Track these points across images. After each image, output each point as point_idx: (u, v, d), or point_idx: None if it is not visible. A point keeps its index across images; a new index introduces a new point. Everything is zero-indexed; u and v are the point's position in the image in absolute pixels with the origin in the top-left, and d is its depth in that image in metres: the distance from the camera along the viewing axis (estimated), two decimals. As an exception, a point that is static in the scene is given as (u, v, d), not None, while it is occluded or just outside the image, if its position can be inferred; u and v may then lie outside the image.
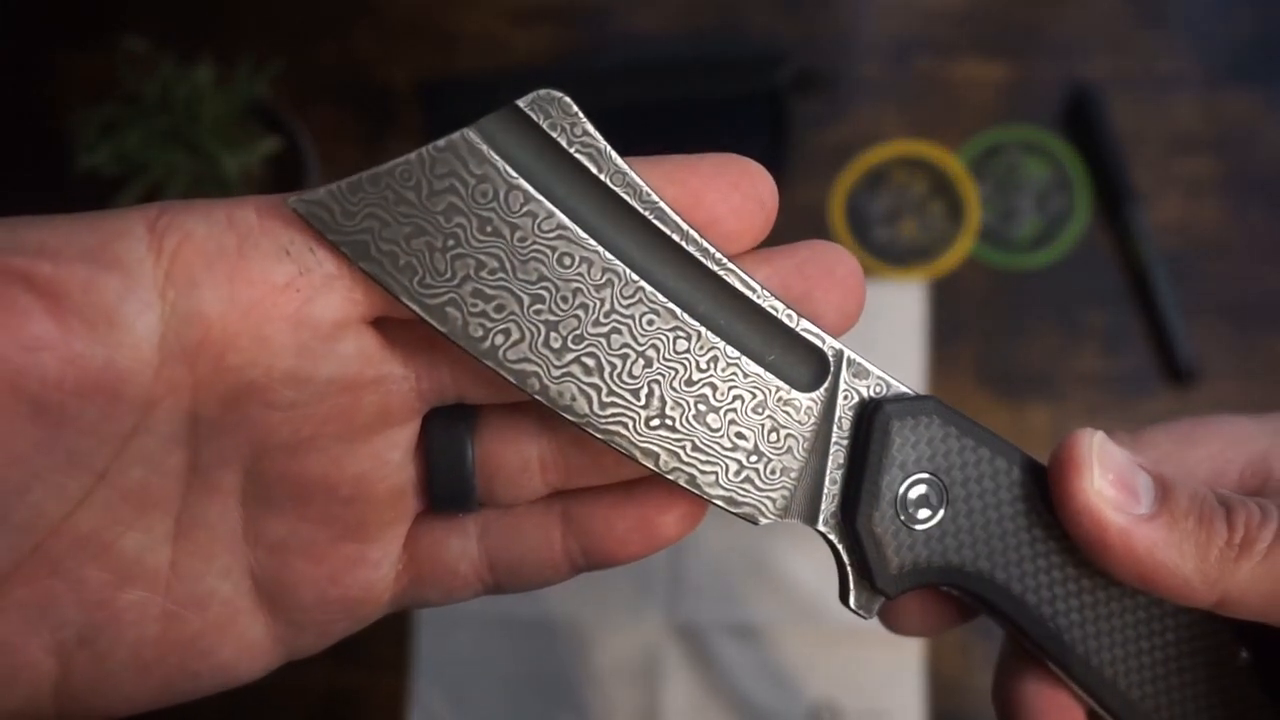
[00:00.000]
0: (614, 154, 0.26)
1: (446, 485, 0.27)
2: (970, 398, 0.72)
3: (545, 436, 0.27)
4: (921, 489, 0.27)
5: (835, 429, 0.27)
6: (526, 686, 0.71)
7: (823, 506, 0.27)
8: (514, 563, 0.28)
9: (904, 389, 0.27)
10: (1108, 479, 0.26)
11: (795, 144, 0.78)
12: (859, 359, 0.27)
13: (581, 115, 0.25)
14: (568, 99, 0.25)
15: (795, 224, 0.77)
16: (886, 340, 0.73)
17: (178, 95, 0.67)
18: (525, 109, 0.25)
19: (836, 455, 0.27)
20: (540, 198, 0.25)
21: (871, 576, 0.27)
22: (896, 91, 0.80)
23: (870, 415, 0.27)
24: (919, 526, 0.27)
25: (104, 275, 0.23)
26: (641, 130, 0.78)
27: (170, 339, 0.24)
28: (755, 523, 0.27)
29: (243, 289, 0.24)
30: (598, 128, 0.27)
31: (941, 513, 0.27)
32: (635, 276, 0.25)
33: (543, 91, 0.25)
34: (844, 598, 0.28)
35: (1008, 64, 0.80)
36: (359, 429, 0.26)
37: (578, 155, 0.25)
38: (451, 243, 0.24)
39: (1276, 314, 0.74)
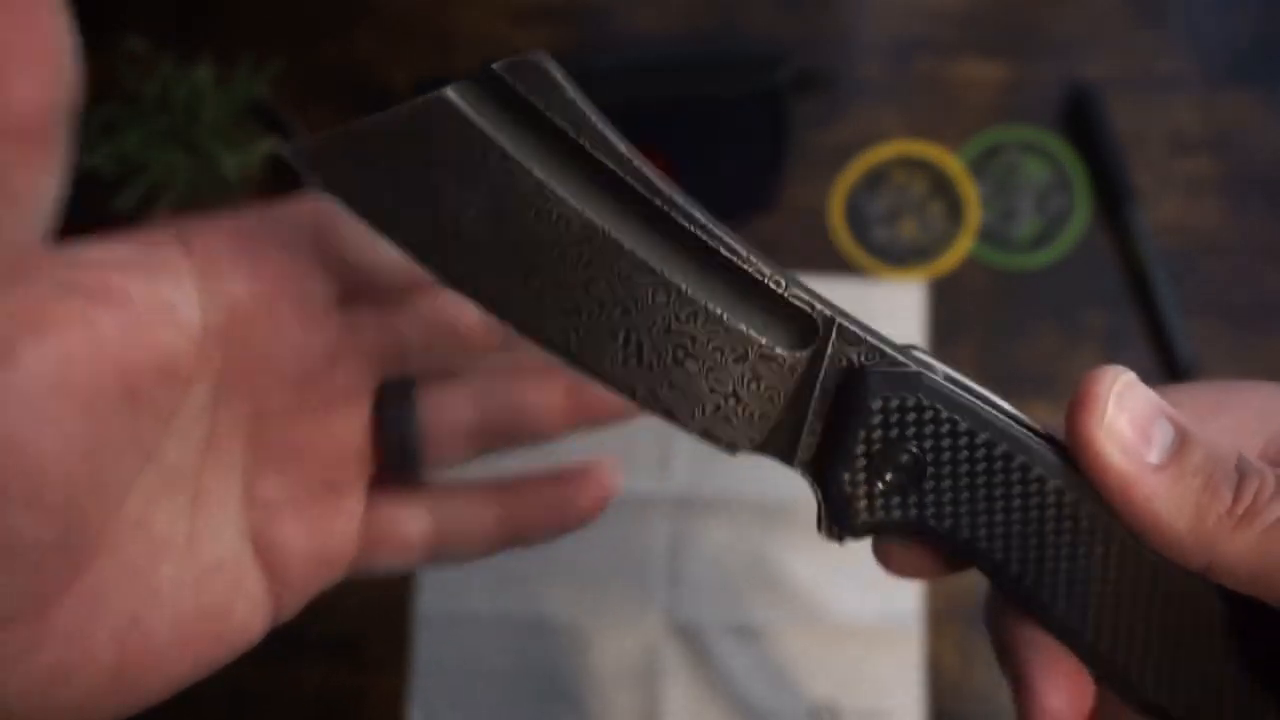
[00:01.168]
0: (595, 120, 0.26)
1: (397, 449, 0.31)
2: (970, 398, 0.72)
3: (471, 405, 0.32)
4: (898, 458, 0.27)
5: (818, 388, 0.27)
6: (526, 686, 0.71)
7: (798, 454, 0.27)
8: (456, 533, 0.32)
9: (898, 357, 0.27)
10: (1122, 418, 0.25)
11: (795, 144, 0.78)
12: (854, 326, 0.27)
13: (563, 81, 0.26)
14: (549, 65, 0.26)
15: (795, 224, 0.77)
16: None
17: (177, 95, 0.67)
18: (502, 74, 0.26)
19: (817, 412, 0.27)
20: (515, 157, 0.26)
21: (840, 523, 0.27)
22: (896, 91, 0.80)
23: (852, 384, 0.27)
24: (894, 497, 0.27)
25: (159, 276, 0.27)
26: (641, 130, 0.78)
27: (208, 319, 0.27)
28: (733, 453, 0.27)
29: (257, 274, 0.28)
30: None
31: (919, 485, 0.27)
32: (614, 235, 0.26)
33: (523, 57, 0.26)
34: (817, 526, 0.28)
35: (1008, 64, 0.80)
36: (335, 395, 0.30)
37: (556, 120, 0.26)
38: (434, 195, 0.26)
39: (1276, 314, 0.74)
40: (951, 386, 0.27)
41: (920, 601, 0.69)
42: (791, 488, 0.29)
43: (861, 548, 0.30)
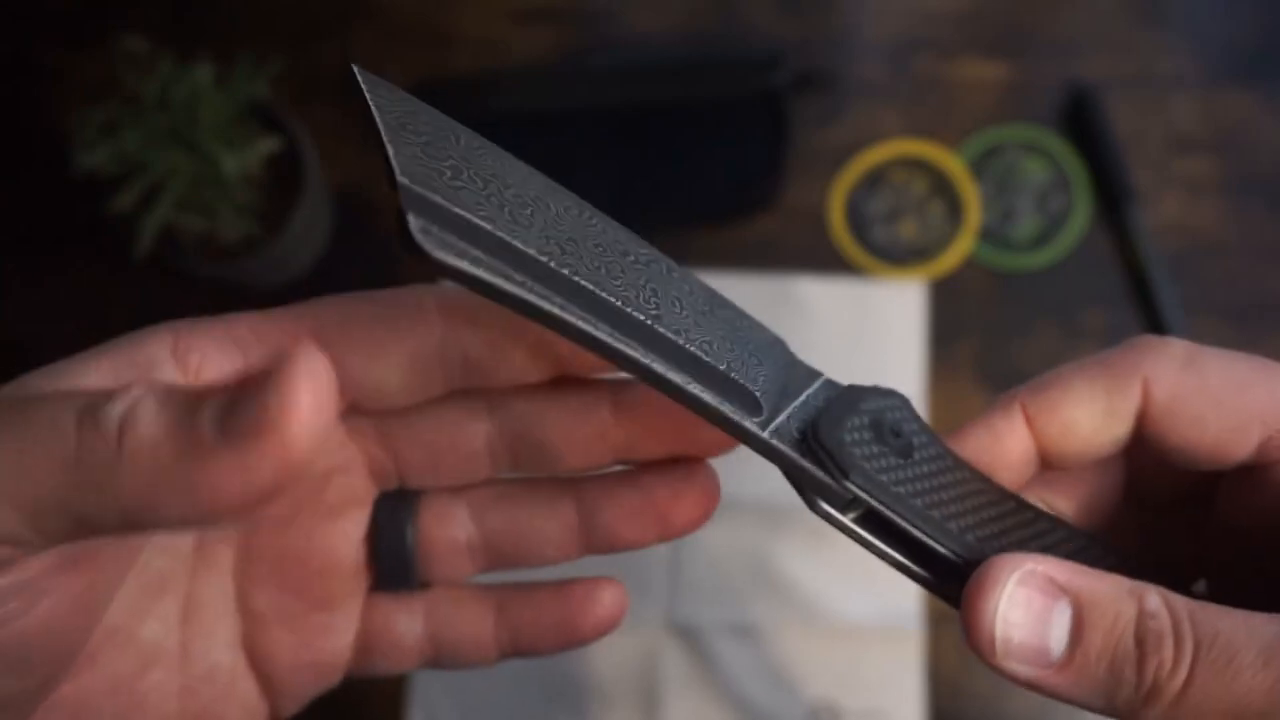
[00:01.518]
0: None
1: (391, 563, 0.30)
2: (970, 398, 0.72)
3: (475, 523, 0.31)
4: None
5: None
6: (526, 686, 0.70)
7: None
8: (452, 642, 0.32)
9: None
10: (1014, 635, 0.26)
11: (795, 144, 0.78)
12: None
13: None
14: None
15: (795, 224, 0.77)
16: (886, 340, 0.73)
17: (177, 95, 0.67)
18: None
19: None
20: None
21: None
22: (896, 91, 0.80)
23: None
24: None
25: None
26: (641, 131, 0.78)
27: None
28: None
29: None
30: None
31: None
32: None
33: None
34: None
35: (1008, 64, 0.80)
36: (330, 508, 0.30)
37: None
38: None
39: (1276, 314, 0.74)
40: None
41: (920, 601, 0.69)
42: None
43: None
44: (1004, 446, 0.29)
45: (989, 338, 0.74)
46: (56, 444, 0.23)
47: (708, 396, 0.26)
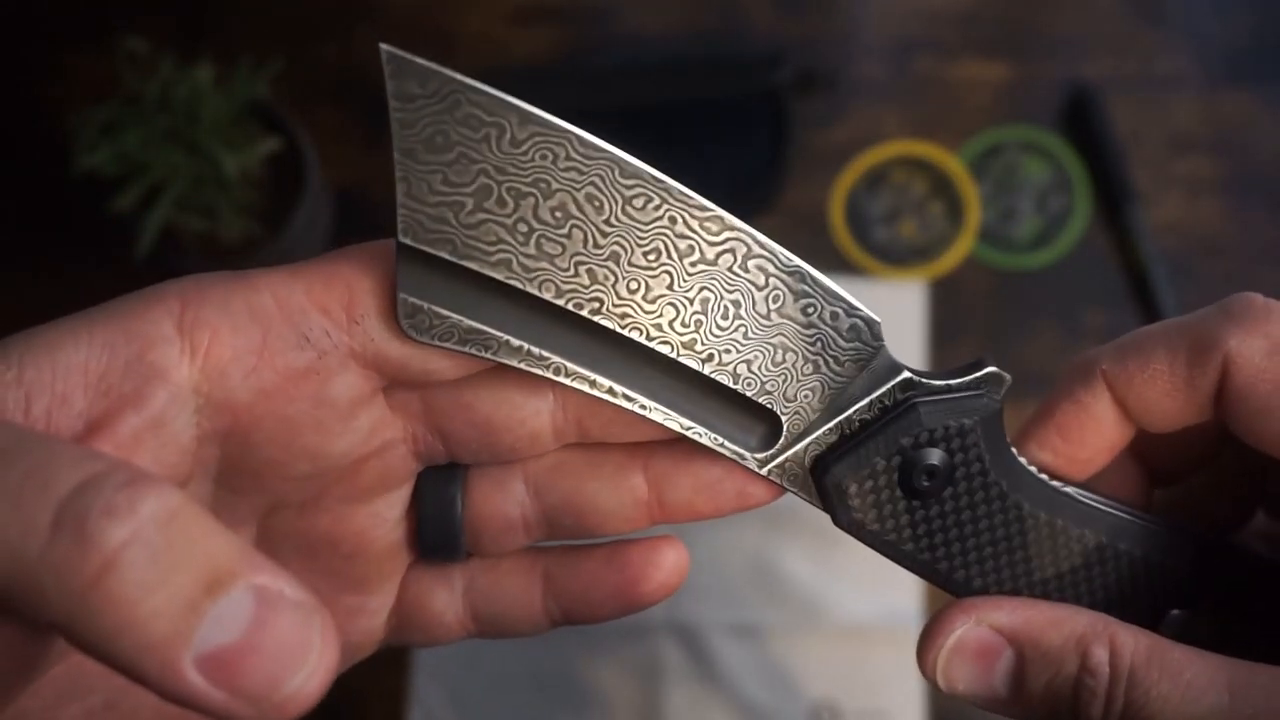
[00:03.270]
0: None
1: (436, 537, 0.29)
2: (970, 398, 0.72)
3: (530, 497, 0.29)
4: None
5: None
6: (526, 686, 0.71)
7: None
8: (496, 615, 0.30)
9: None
10: (958, 684, 0.28)
11: (795, 144, 0.78)
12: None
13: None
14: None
15: (795, 224, 0.77)
16: (886, 340, 0.73)
17: (178, 95, 0.67)
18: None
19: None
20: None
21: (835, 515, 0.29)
22: (896, 91, 0.80)
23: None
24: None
25: (151, 389, 0.24)
26: (642, 131, 0.78)
27: (204, 426, 0.25)
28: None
29: (268, 378, 0.25)
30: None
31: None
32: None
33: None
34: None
35: (1008, 64, 0.80)
36: (362, 491, 0.28)
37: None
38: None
39: (1276, 314, 0.74)
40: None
41: (920, 601, 0.69)
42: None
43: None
44: (1092, 417, 0.29)
45: (989, 338, 0.74)
46: (15, 532, 0.19)
47: (706, 440, 0.27)
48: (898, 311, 0.74)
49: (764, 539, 0.71)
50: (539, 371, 0.26)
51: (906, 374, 0.28)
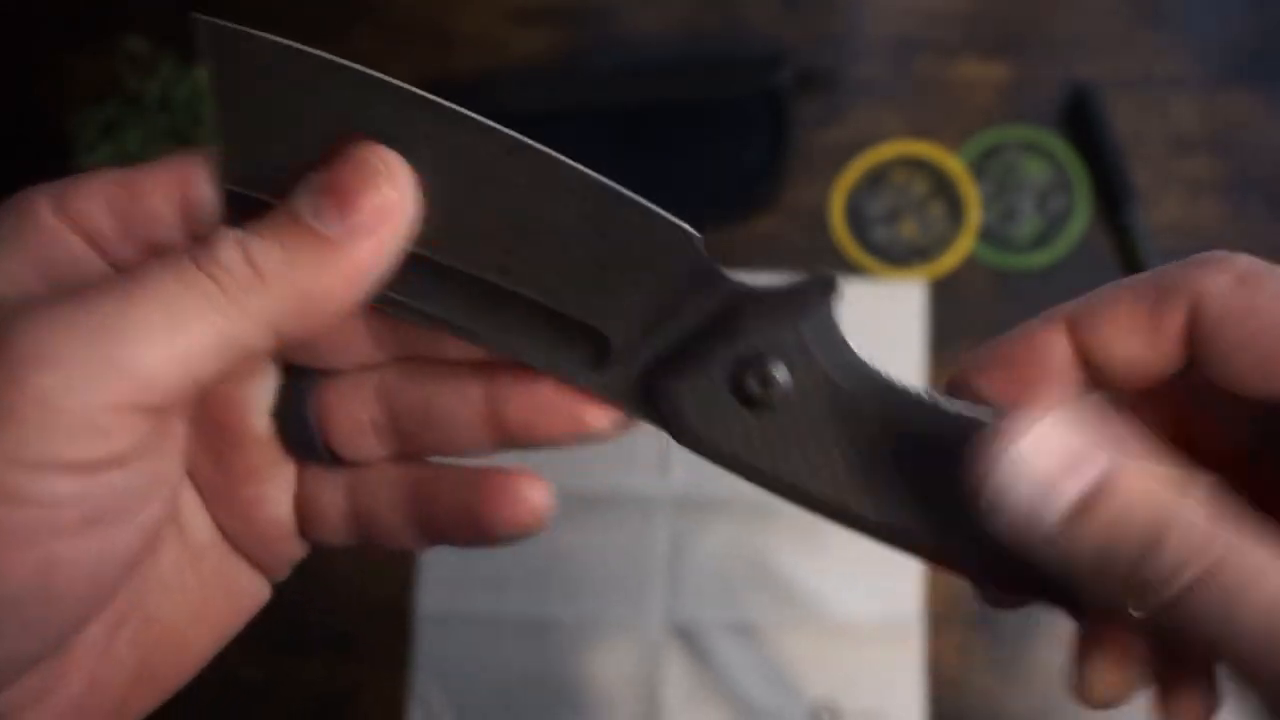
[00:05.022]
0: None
1: (290, 431, 0.30)
2: (970, 398, 0.72)
3: (376, 401, 0.29)
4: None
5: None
6: (526, 686, 0.71)
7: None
8: (371, 522, 0.30)
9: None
10: (1032, 467, 0.23)
11: (795, 144, 0.78)
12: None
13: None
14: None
15: (795, 225, 0.77)
16: (885, 340, 0.73)
17: (178, 95, 0.67)
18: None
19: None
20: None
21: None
22: (896, 91, 0.80)
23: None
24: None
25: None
26: (641, 131, 0.78)
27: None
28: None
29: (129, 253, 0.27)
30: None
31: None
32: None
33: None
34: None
35: (1008, 64, 0.80)
36: (239, 375, 0.29)
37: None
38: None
39: (1276, 314, 0.74)
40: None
41: (920, 602, 0.69)
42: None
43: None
44: (1038, 352, 0.28)
45: (989, 338, 0.74)
46: (202, 288, 0.24)
47: (533, 361, 0.27)
48: (898, 312, 0.74)
49: (764, 539, 0.71)
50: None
51: (733, 281, 0.27)
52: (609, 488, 0.72)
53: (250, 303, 0.24)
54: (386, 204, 0.25)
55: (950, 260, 0.76)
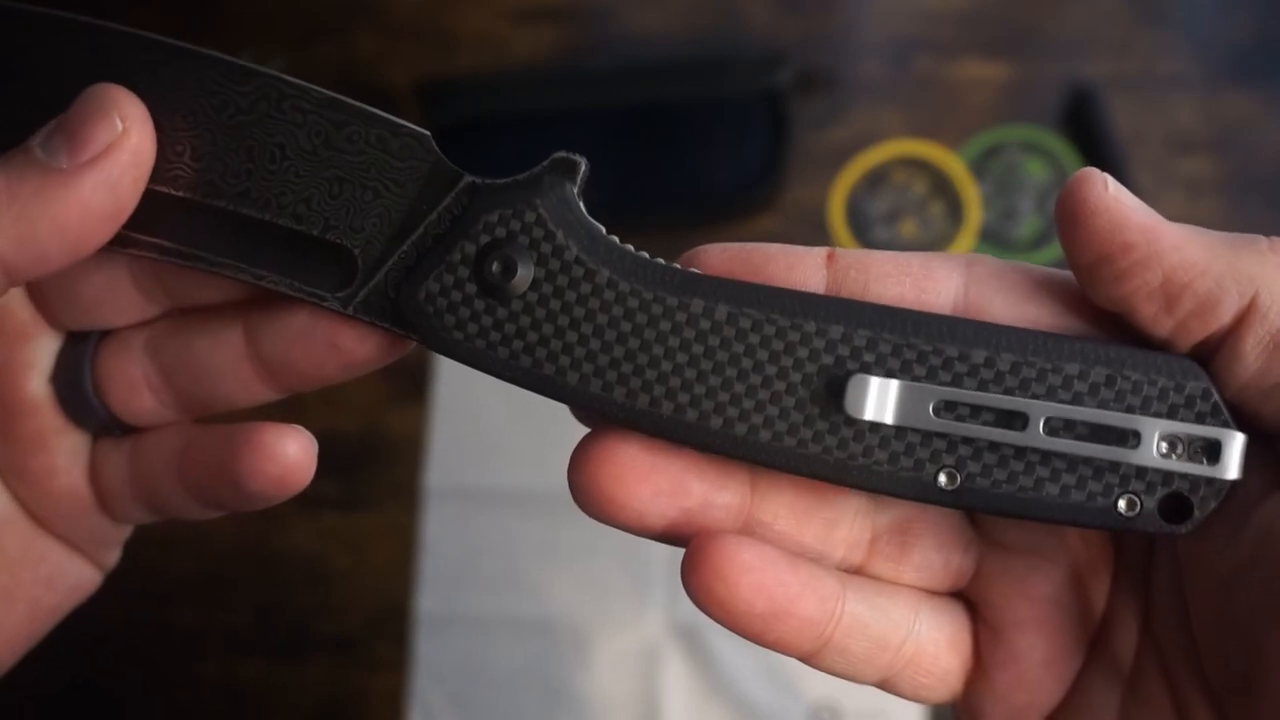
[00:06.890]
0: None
1: (65, 393, 0.29)
2: (970, 398, 0.72)
3: (147, 356, 0.29)
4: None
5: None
6: (526, 686, 0.71)
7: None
8: (152, 490, 0.30)
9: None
10: (1125, 191, 0.26)
11: (795, 144, 0.78)
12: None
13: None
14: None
15: (795, 224, 0.77)
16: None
17: (177, 95, 0.67)
18: None
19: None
20: None
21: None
22: (896, 91, 0.80)
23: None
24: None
25: None
26: (641, 131, 0.78)
27: None
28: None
29: None
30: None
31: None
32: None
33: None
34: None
35: (1008, 64, 0.80)
36: (8, 340, 0.29)
37: None
38: None
39: (1276, 314, 0.74)
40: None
41: (920, 601, 0.69)
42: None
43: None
44: (790, 277, 0.27)
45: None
46: None
47: (283, 286, 0.27)
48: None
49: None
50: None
51: (469, 179, 0.27)
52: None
53: None
54: (115, 137, 0.25)
55: (950, 260, 0.76)
